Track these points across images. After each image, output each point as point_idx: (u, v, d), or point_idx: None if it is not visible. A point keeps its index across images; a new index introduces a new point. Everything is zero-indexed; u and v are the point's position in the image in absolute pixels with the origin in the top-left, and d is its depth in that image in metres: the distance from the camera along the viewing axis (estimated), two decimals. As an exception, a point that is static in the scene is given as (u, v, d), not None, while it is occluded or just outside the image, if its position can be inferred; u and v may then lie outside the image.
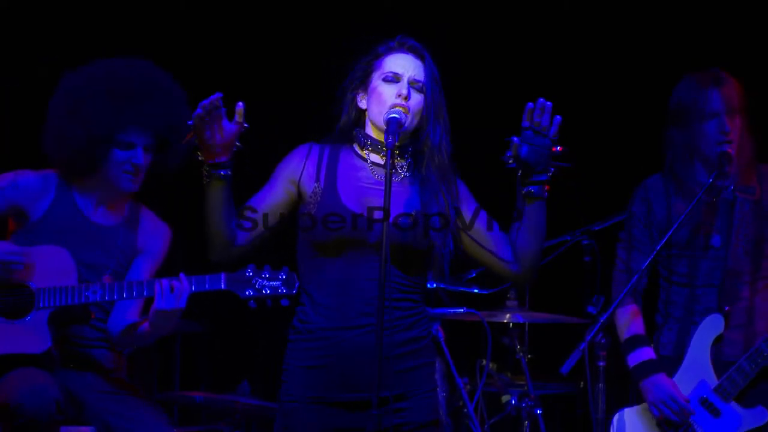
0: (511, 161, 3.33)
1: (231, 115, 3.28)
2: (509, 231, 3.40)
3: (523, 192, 3.35)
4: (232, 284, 3.73)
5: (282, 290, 3.64)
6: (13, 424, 3.69)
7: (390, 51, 3.44)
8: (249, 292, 3.69)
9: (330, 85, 3.50)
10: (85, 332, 4.06)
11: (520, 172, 3.35)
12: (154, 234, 4.20)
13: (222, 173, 3.27)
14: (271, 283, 3.66)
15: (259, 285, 3.66)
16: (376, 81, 3.40)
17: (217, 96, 3.21)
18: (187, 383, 6.23)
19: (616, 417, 4.28)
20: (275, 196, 3.40)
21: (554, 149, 3.32)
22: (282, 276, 3.66)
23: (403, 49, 3.44)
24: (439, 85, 3.43)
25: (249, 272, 3.67)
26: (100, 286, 3.87)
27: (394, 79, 3.39)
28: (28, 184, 4.09)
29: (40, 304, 3.89)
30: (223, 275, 3.76)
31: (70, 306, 3.89)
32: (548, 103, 3.32)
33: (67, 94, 4.13)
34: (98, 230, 4.10)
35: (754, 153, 4.29)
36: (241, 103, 3.25)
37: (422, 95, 3.39)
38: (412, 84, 3.38)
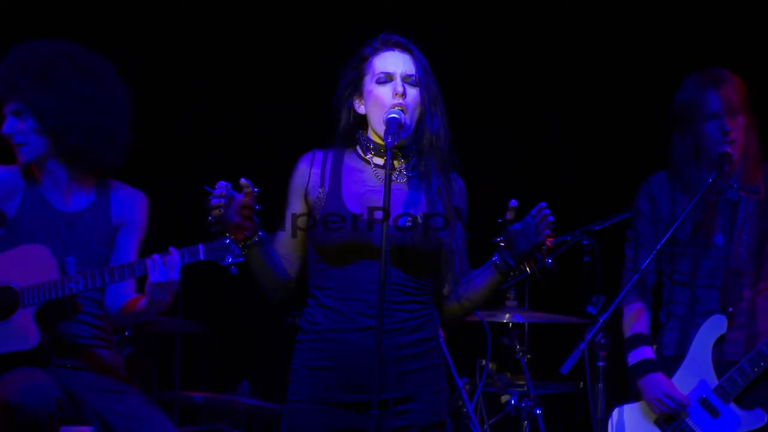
0: (501, 241, 3.28)
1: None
2: (468, 272, 3.39)
3: (495, 259, 3.31)
4: (211, 253, 3.75)
5: None
6: (13, 421, 3.69)
7: (376, 51, 3.42)
8: (229, 259, 3.70)
9: (330, 85, 3.50)
10: (80, 331, 4.06)
11: (503, 245, 3.29)
12: (128, 204, 4.18)
13: (257, 239, 3.28)
14: None
15: (237, 251, 3.64)
16: (370, 85, 3.39)
17: (220, 189, 3.18)
18: (187, 383, 6.23)
19: (615, 413, 4.29)
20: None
21: (543, 251, 3.24)
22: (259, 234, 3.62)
23: (388, 46, 3.42)
24: (431, 74, 3.42)
25: (227, 240, 3.67)
26: (82, 276, 3.88)
27: (387, 79, 3.37)
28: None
29: (25, 302, 3.90)
30: (201, 246, 3.78)
31: (56, 300, 3.89)
32: (546, 210, 3.23)
33: None
34: (69, 218, 4.09)
35: (759, 151, 4.28)
36: (243, 179, 3.22)
37: (417, 89, 3.38)
38: (405, 80, 3.37)
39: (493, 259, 3.30)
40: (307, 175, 3.41)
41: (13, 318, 3.91)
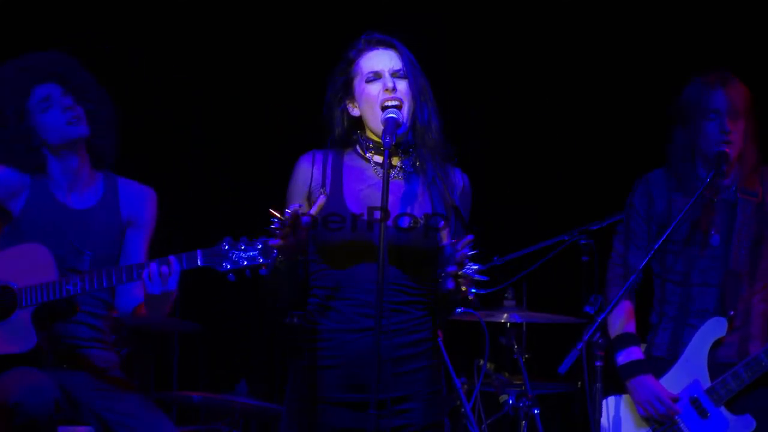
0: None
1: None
2: None
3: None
4: (209, 260, 3.70)
5: (260, 260, 3.57)
6: (12, 423, 3.69)
7: (361, 53, 3.43)
8: (227, 265, 3.65)
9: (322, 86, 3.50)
10: (79, 332, 4.05)
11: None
12: (138, 201, 4.15)
13: (302, 258, 3.33)
14: (248, 253, 3.60)
15: (236, 257, 3.60)
16: (360, 86, 3.40)
17: (306, 220, 3.20)
18: (184, 383, 6.23)
19: (611, 400, 4.29)
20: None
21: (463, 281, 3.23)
22: (259, 245, 3.60)
23: (371, 45, 3.43)
24: (418, 67, 3.43)
25: (225, 245, 3.63)
26: (80, 278, 3.86)
27: (375, 78, 3.38)
28: (5, 179, 4.07)
29: (23, 303, 3.88)
30: (199, 252, 3.72)
31: (54, 301, 3.88)
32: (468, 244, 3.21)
33: None
34: (77, 215, 4.08)
35: (758, 158, 4.29)
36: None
37: (406, 81, 3.39)
38: (393, 75, 3.38)
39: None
40: (309, 176, 3.41)
41: (11, 319, 3.90)
